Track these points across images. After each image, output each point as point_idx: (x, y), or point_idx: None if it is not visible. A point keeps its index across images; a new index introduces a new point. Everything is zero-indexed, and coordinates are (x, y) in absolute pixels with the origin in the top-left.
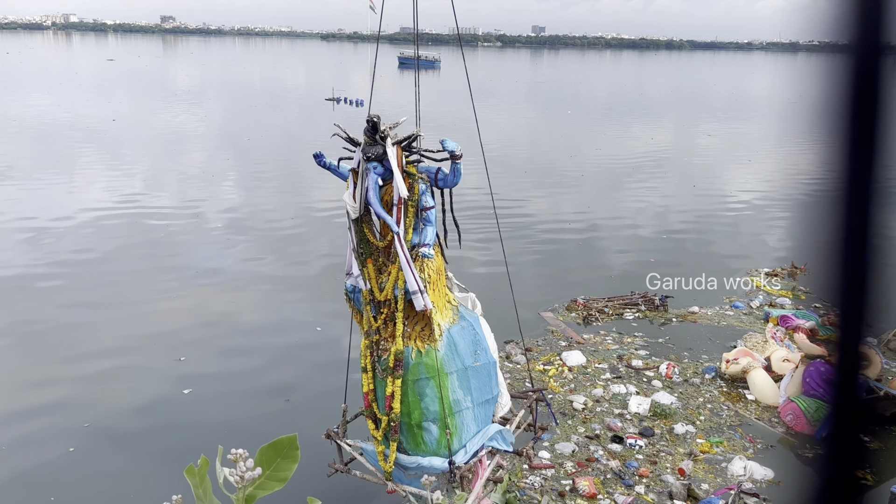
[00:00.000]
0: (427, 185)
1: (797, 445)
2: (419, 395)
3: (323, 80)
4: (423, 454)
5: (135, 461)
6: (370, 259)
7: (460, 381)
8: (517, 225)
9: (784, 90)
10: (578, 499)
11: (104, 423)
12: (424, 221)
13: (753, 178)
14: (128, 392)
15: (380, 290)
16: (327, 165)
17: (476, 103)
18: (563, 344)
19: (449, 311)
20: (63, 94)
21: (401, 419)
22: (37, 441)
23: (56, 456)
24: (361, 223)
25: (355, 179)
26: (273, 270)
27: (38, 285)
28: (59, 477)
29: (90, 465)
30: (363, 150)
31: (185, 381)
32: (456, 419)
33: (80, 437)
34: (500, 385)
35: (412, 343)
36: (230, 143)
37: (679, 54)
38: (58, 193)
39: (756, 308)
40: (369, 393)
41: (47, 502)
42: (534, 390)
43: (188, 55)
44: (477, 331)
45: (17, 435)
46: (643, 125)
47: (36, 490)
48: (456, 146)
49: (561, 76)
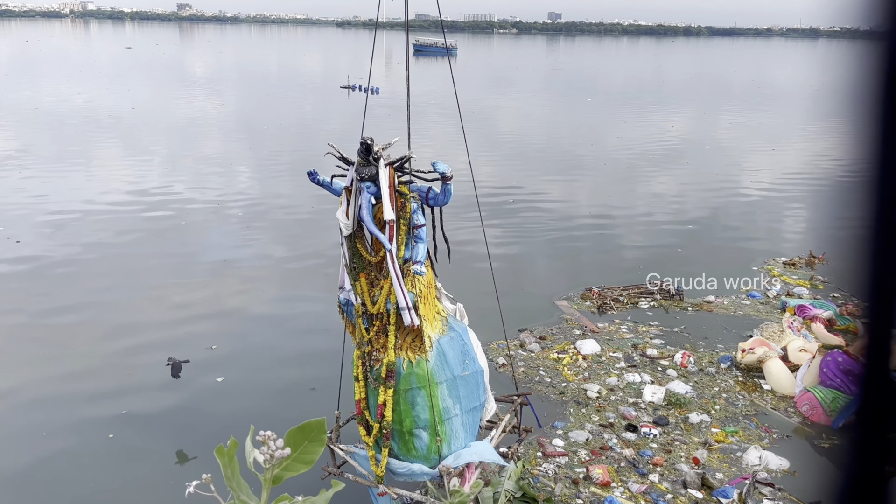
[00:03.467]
0: (418, 204)
1: (813, 436)
2: (410, 403)
3: (339, 67)
4: (413, 460)
5: (172, 448)
6: (363, 273)
7: (450, 389)
8: (535, 213)
9: (806, 77)
10: (592, 486)
11: (141, 411)
12: (416, 239)
13: (775, 167)
14: (163, 379)
15: (372, 304)
16: (321, 182)
17: (494, 91)
18: (577, 332)
19: (439, 323)
20: (82, 83)
21: (392, 426)
22: (77, 427)
23: (97, 442)
24: (354, 239)
25: (348, 197)
26: (300, 259)
27: (59, 271)
28: (99, 462)
29: (129, 452)
30: (357, 169)
31: (218, 370)
32: (446, 426)
33: (118, 424)
34: (486, 391)
35: (404, 354)
36: (248, 131)
37: (697, 41)
38: (77, 181)
39: (773, 298)
40: (361, 401)
41: (87, 487)
42: (518, 394)
43: (205, 43)
44: (465, 341)
45: (59, 420)
46: (664, 113)
47: (78, 474)
48: (447, 168)
49: (578, 63)
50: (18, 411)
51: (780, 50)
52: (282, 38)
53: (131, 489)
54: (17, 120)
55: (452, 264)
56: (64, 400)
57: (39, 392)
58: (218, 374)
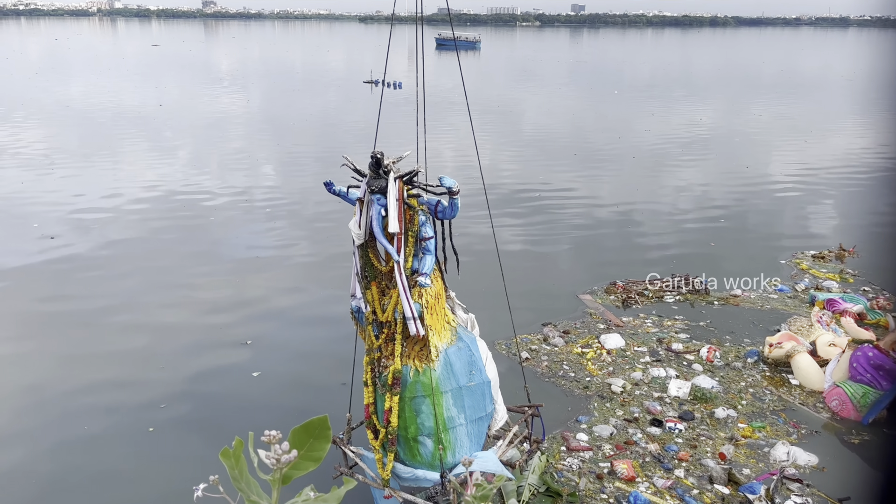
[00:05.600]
0: (427, 217)
1: (843, 431)
2: (415, 411)
3: (362, 62)
4: (418, 466)
5: (212, 442)
6: (374, 282)
7: (455, 399)
8: (561, 207)
9: (838, 67)
10: (616, 481)
11: (180, 405)
12: (423, 250)
13: (807, 159)
14: (200, 374)
15: (382, 312)
16: (337, 192)
17: (519, 85)
18: (601, 327)
19: (447, 333)
20: (111, 80)
21: (398, 432)
22: (118, 421)
23: (139, 436)
24: (367, 248)
25: (361, 208)
26: (332, 255)
27: (91, 267)
28: (141, 455)
29: (171, 445)
30: (367, 182)
31: (253, 365)
32: (450, 435)
33: (158, 418)
34: (497, 401)
35: (410, 362)
36: (275, 127)
37: (724, 31)
38: (108, 177)
39: (801, 291)
40: (370, 405)
41: (134, 480)
42: (530, 405)
43: (230, 39)
44: (473, 351)
45: (100, 414)
46: (692, 105)
47: (122, 463)
48: (453, 183)
49: (603, 56)
50: (58, 406)
51: (810, 40)
52: (305, 34)
53: (177, 481)
54: (47, 117)
55: (474, 259)
56: (102, 393)
57: (79, 386)
58: (253, 370)
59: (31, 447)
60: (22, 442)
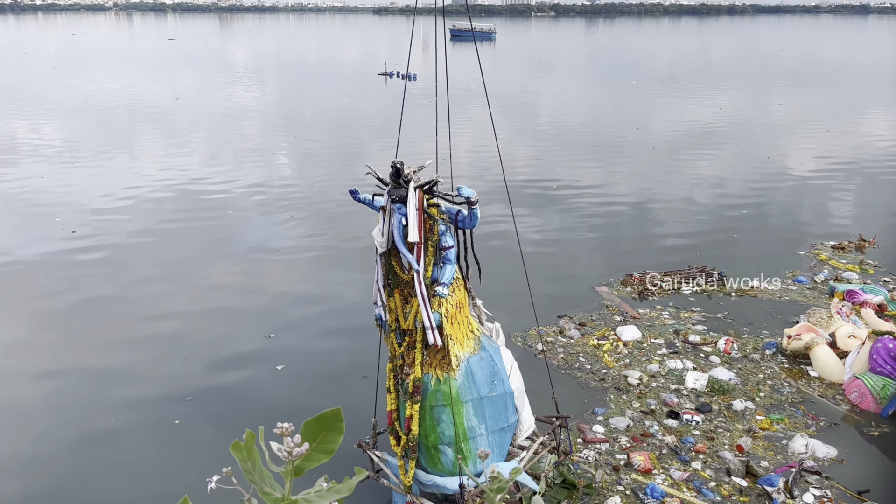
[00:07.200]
0: (447, 226)
1: (862, 424)
2: (436, 420)
3: (377, 54)
4: (439, 473)
5: (238, 436)
6: (397, 290)
7: (475, 409)
8: (578, 199)
9: (859, 55)
10: (633, 473)
11: (205, 398)
12: (443, 260)
13: (829, 148)
14: (226, 368)
15: (404, 320)
16: (362, 200)
17: (536, 76)
18: (617, 318)
19: (470, 342)
20: (128, 74)
21: (419, 440)
22: (145, 414)
23: (165, 428)
24: (390, 256)
25: (384, 216)
26: (356, 248)
27: (112, 259)
28: (168, 448)
29: (198, 438)
30: (389, 192)
31: (277, 358)
32: (470, 444)
33: (183, 411)
34: (524, 411)
35: (432, 371)
36: (291, 120)
37: (742, 19)
38: (127, 171)
39: (821, 283)
40: (392, 412)
41: (161, 471)
42: (558, 416)
43: (245, 33)
44: (496, 362)
45: (127, 406)
46: (710, 95)
47: (149, 455)
48: (472, 193)
49: (619, 46)
50: (83, 398)
51: (829, 27)
52: (320, 27)
53: (206, 473)
54: (67, 112)
55: (489, 253)
56: (128, 386)
57: (103, 377)
58: (277, 363)
59: (56, 438)
60: (49, 432)
